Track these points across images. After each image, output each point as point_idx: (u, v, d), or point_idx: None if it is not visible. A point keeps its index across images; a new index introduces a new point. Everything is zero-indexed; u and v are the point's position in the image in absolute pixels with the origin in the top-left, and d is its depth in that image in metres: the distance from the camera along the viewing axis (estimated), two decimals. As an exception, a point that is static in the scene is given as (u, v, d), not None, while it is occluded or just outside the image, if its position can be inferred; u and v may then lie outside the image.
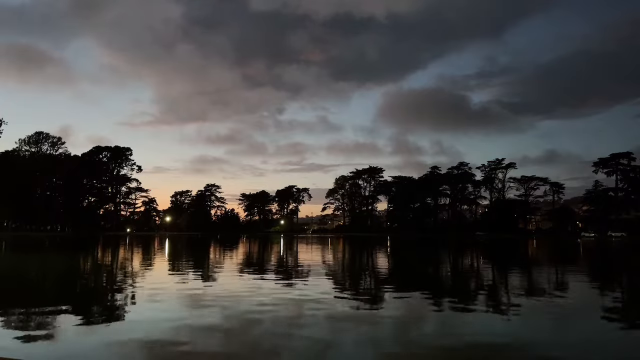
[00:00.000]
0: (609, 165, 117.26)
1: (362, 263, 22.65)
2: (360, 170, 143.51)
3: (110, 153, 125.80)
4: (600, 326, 7.59)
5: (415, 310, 8.75)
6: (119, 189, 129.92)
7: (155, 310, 8.32)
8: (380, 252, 32.88)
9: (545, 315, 8.28)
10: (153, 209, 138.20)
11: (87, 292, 11.57)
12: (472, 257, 28.08)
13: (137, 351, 5.65)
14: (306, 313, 8.14)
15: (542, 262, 24.61)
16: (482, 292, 11.75)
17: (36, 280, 14.18)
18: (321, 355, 5.58)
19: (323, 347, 5.85)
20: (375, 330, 6.90)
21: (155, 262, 21.55)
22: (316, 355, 5.58)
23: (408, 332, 6.98)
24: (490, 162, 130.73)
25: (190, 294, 10.36)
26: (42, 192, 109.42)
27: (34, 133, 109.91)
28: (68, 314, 7.94)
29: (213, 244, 46.62)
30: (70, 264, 20.50)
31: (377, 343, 6.15)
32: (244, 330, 6.83)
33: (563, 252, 36.21)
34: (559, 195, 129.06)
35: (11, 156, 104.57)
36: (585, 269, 20.67)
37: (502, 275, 16.66)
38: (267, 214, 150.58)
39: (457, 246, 43.49)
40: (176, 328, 6.78)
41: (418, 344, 6.26)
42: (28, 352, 5.56)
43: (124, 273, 15.77)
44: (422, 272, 18.13)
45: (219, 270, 17.30)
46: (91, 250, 31.92)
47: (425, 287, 12.75)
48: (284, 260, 23.51)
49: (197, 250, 34.52)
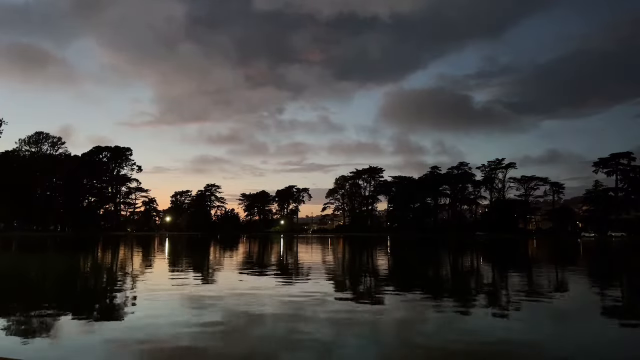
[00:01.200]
0: (609, 165, 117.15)
1: (362, 263, 22.67)
2: (360, 170, 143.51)
3: (110, 153, 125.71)
4: (601, 326, 7.59)
5: (416, 310, 8.75)
6: (119, 189, 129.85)
7: (156, 310, 8.32)
8: (380, 252, 32.87)
9: (546, 316, 8.28)
10: (153, 209, 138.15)
11: (87, 292, 11.58)
12: (471, 257, 28.06)
13: (138, 351, 5.65)
14: (307, 313, 8.13)
15: (541, 262, 24.60)
16: (482, 292, 11.75)
17: (37, 280, 14.18)
18: (321, 355, 5.59)
19: (323, 347, 5.85)
20: (375, 331, 6.90)
21: (155, 262, 21.55)
22: (317, 355, 5.58)
23: (408, 332, 6.98)
24: (490, 162, 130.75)
25: (190, 293, 10.36)
26: (42, 192, 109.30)
27: (34, 133, 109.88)
28: (69, 313, 7.94)
29: (213, 244, 46.61)
30: (71, 264, 20.49)
31: (378, 343, 6.15)
32: (244, 330, 6.83)
33: (563, 252, 36.18)
34: (559, 195, 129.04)
35: (11, 156, 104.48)
36: (585, 269, 20.66)
37: (502, 275, 16.66)
38: (267, 214, 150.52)
39: (457, 246, 43.46)
40: (177, 328, 6.78)
41: (418, 344, 6.26)
42: (28, 352, 5.57)
43: (124, 273, 15.77)
44: (422, 273, 18.12)
45: (219, 270, 17.31)
46: (91, 251, 31.90)
47: (425, 287, 12.76)
48: (284, 260, 23.51)
49: (197, 250, 34.51)
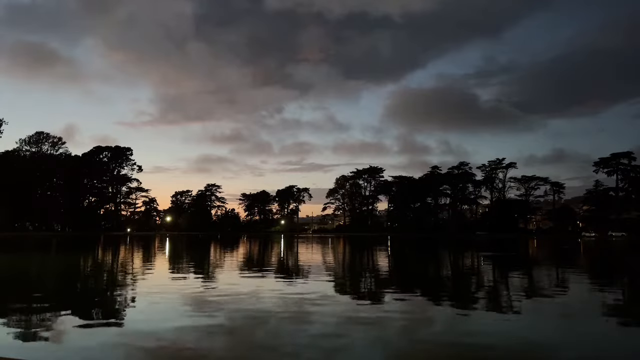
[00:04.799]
0: (610, 165, 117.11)
1: (362, 263, 22.67)
2: (361, 170, 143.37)
3: (110, 153, 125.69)
4: (602, 326, 7.58)
5: (416, 310, 8.75)
6: (120, 188, 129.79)
7: (157, 310, 8.33)
8: (380, 252, 32.87)
9: (547, 315, 8.27)
10: (153, 209, 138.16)
11: (88, 292, 11.58)
12: (471, 257, 28.04)
13: (139, 351, 5.65)
14: (307, 313, 8.14)
15: (542, 262, 24.59)
16: (482, 292, 11.75)
17: (37, 280, 14.17)
18: (322, 355, 5.58)
19: (324, 347, 5.85)
20: (375, 331, 6.90)
21: (155, 262, 21.55)
22: (318, 355, 5.58)
23: (408, 332, 6.97)
24: (490, 162, 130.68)
25: (191, 293, 10.36)
26: (42, 192, 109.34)
27: (35, 133, 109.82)
28: (69, 313, 7.94)
29: (213, 244, 46.60)
30: (71, 264, 20.50)
31: (378, 343, 6.15)
32: (245, 330, 6.83)
33: (563, 252, 36.15)
34: (560, 195, 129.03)
35: (11, 156, 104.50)
36: (585, 268, 20.65)
37: (502, 275, 16.65)
38: (267, 214, 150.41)
39: (457, 246, 43.44)
40: (177, 328, 6.78)
41: (418, 344, 6.26)
42: (28, 352, 5.57)
43: (124, 273, 15.77)
44: (422, 273, 18.12)
45: (219, 270, 17.31)
46: (92, 251, 31.90)
47: (424, 287, 12.75)
48: (284, 260, 23.51)
49: (198, 250, 34.51)
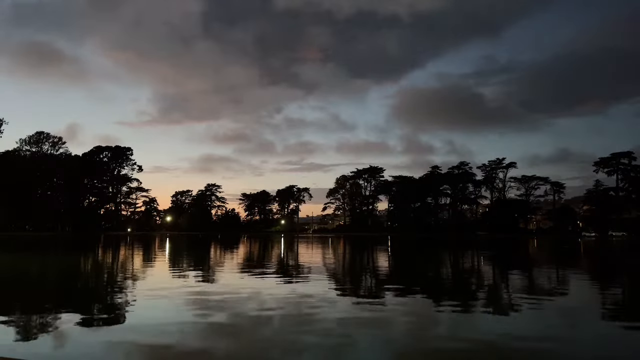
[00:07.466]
0: (610, 165, 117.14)
1: (362, 263, 22.68)
2: (361, 169, 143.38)
3: (110, 153, 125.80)
4: (602, 326, 7.58)
5: (416, 310, 8.75)
6: (120, 188, 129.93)
7: (157, 310, 8.33)
8: (380, 252, 32.87)
9: (547, 315, 8.27)
10: (154, 209, 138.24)
11: (88, 292, 11.58)
12: (472, 257, 28.04)
13: (140, 352, 5.65)
14: (307, 313, 8.14)
15: (541, 262, 24.59)
16: (482, 292, 11.75)
17: (37, 280, 14.16)
18: (322, 355, 5.58)
19: (324, 347, 5.85)
20: (375, 331, 6.90)
21: (156, 262, 21.55)
22: (318, 355, 5.58)
23: (408, 332, 6.97)
24: (490, 162, 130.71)
25: (192, 293, 10.36)
26: (43, 192, 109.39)
27: (35, 133, 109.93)
28: (70, 313, 7.94)
29: (214, 243, 46.61)
30: (71, 264, 20.50)
31: (378, 343, 6.15)
32: (245, 330, 6.83)
33: (563, 252, 36.15)
34: (560, 194, 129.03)
35: (12, 156, 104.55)
36: (585, 269, 20.65)
37: (502, 275, 16.65)
38: (267, 214, 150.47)
39: (457, 246, 43.43)
40: (178, 328, 6.78)
41: (418, 344, 6.26)
42: (29, 352, 5.57)
43: (125, 273, 15.77)
44: (421, 272, 18.12)
45: (220, 270, 17.31)
46: (92, 251, 31.91)
47: (424, 287, 12.75)
48: (284, 260, 23.51)
49: (198, 250, 34.51)
